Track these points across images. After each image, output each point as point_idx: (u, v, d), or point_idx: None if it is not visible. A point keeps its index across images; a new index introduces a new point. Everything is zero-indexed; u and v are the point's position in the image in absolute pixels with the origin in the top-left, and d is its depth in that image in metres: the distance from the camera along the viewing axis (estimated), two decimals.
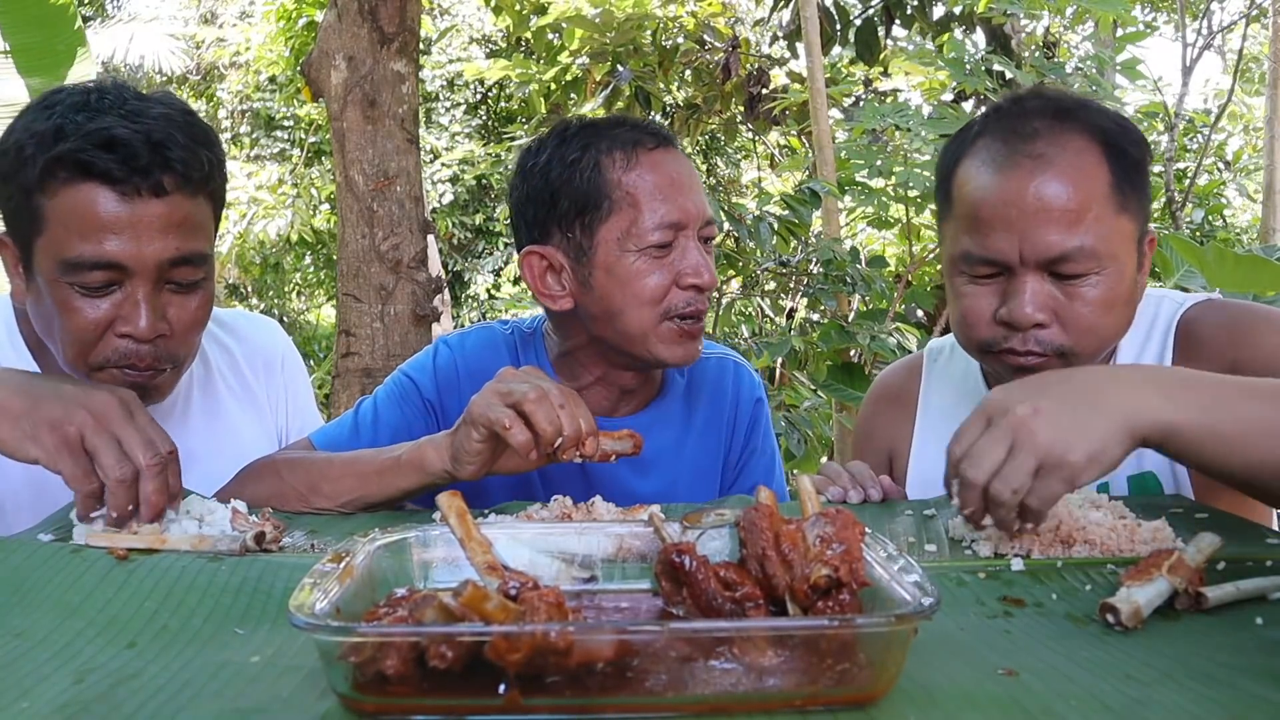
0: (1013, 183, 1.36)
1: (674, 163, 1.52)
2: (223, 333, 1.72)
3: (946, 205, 1.49)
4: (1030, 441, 1.01)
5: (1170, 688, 0.74)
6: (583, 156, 1.50)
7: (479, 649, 0.66)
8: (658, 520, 0.97)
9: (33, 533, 1.19)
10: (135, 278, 1.34)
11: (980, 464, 1.03)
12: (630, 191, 1.48)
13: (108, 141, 1.30)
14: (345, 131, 3.78)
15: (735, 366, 1.74)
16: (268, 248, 12.08)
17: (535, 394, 1.25)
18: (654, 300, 1.49)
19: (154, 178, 1.32)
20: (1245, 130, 10.99)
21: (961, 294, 1.45)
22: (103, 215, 1.31)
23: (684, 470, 1.66)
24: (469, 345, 1.67)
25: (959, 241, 1.43)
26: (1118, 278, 1.37)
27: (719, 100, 7.02)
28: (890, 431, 1.74)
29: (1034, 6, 5.26)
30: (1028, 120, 1.40)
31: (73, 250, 1.31)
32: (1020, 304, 1.36)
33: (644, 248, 1.47)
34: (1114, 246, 1.36)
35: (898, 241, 6.29)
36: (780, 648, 0.69)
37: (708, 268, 1.50)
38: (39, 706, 0.71)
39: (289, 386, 1.78)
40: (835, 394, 4.23)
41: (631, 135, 1.52)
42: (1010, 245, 1.36)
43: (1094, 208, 1.35)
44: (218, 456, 1.58)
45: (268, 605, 0.95)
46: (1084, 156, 1.36)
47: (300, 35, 9.51)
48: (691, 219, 1.49)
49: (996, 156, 1.39)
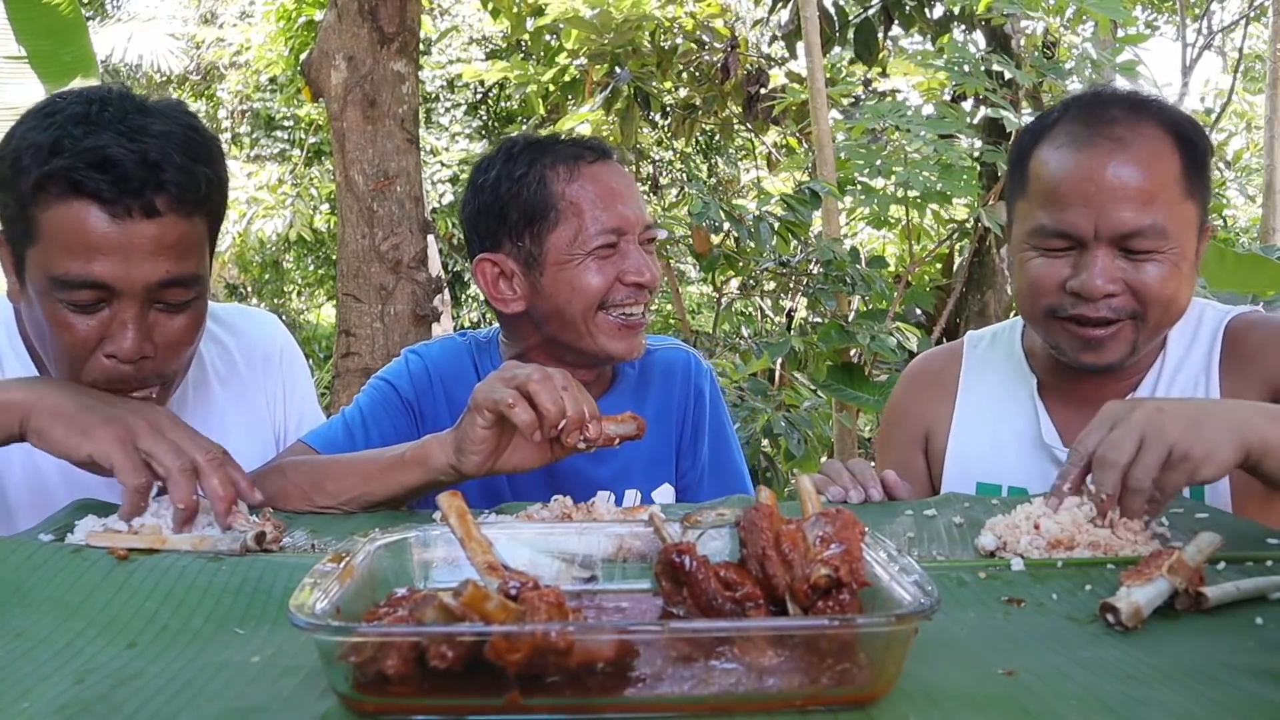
0: (1092, 161, 1.44)
1: (613, 174, 1.65)
2: (219, 329, 1.71)
3: (1021, 184, 1.56)
4: (1159, 436, 1.11)
5: (1170, 688, 0.74)
6: (529, 172, 1.63)
7: (479, 649, 0.66)
8: (658, 520, 0.97)
9: (33, 533, 1.19)
10: (123, 298, 1.32)
11: (1121, 451, 1.12)
12: (574, 201, 1.61)
13: (101, 161, 1.28)
14: (345, 131, 3.78)
15: (685, 356, 1.84)
16: (267, 247, 12.08)
17: (539, 375, 1.29)
18: (598, 296, 1.61)
19: (146, 199, 1.30)
20: (1248, 128, 10.98)
21: (1031, 265, 1.51)
22: (92, 235, 1.29)
23: (638, 457, 1.73)
24: (435, 352, 1.78)
25: (1033, 217, 1.50)
26: (1180, 258, 1.45)
27: (718, 100, 7.02)
28: (928, 411, 1.78)
29: (1033, 7, 5.26)
30: (1107, 108, 1.49)
31: (61, 267, 1.30)
32: (1092, 275, 1.44)
33: (590, 251, 1.60)
34: (1179, 228, 1.45)
35: (898, 241, 6.29)
36: (780, 648, 0.70)
37: (649, 267, 1.62)
38: (39, 706, 0.71)
39: (287, 381, 1.77)
40: (835, 394, 4.23)
41: (572, 150, 1.65)
42: (1086, 220, 1.44)
43: (1165, 190, 1.44)
44: None
45: (268, 605, 0.95)
46: (1158, 143, 1.45)
47: (300, 35, 9.50)
48: (631, 225, 1.62)
49: (1076, 138, 1.47)
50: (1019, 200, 1.56)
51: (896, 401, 1.87)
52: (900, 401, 1.85)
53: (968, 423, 1.73)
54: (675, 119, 7.47)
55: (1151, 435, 1.11)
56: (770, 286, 5.12)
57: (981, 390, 1.74)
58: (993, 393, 1.72)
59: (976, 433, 1.71)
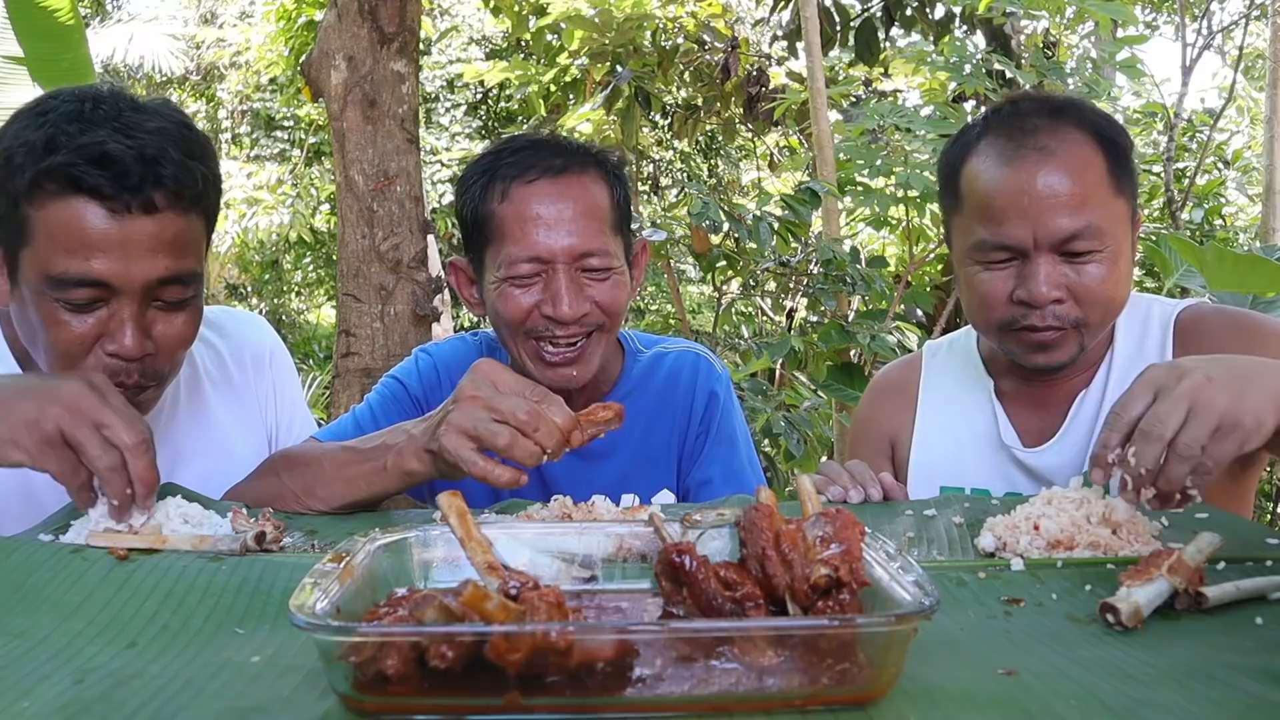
0: (1022, 174, 1.49)
1: (549, 195, 1.54)
2: (209, 331, 1.70)
3: (955, 201, 1.60)
4: (1209, 407, 1.09)
5: (1170, 688, 0.74)
6: (476, 183, 1.60)
7: (479, 649, 0.66)
8: (658, 520, 0.97)
9: (33, 533, 1.19)
10: (122, 296, 1.31)
11: (1166, 423, 1.09)
12: (500, 223, 1.56)
13: (99, 157, 1.26)
14: (345, 131, 3.78)
15: (695, 359, 1.80)
16: (267, 247, 12.08)
17: (505, 438, 1.22)
18: (516, 321, 1.56)
19: (145, 195, 1.28)
20: (1252, 123, 10.95)
21: (977, 281, 1.55)
22: (91, 232, 1.27)
23: (637, 461, 1.72)
24: (446, 351, 1.78)
25: (972, 233, 1.54)
26: (1118, 254, 1.51)
27: (718, 100, 7.02)
28: (892, 421, 1.82)
29: (1033, 7, 5.26)
30: (1027, 118, 1.53)
31: (58, 266, 1.29)
32: (1037, 284, 1.48)
33: (507, 277, 1.55)
34: (1113, 225, 1.50)
35: (898, 242, 6.29)
36: (780, 648, 0.70)
37: (570, 303, 1.52)
38: (39, 706, 0.71)
39: (278, 382, 1.77)
40: (835, 394, 4.23)
41: (520, 165, 1.57)
42: (1024, 231, 1.48)
43: (1095, 191, 1.49)
44: (204, 456, 1.57)
45: (268, 605, 0.95)
46: (1082, 147, 1.50)
47: (300, 35, 9.50)
48: (556, 254, 1.53)
49: (1003, 152, 1.52)
50: (955, 216, 1.60)
51: (861, 415, 1.91)
52: (865, 414, 1.90)
53: (929, 429, 1.77)
54: (676, 119, 7.47)
55: (1201, 406, 1.09)
56: (770, 286, 5.11)
57: (941, 396, 1.78)
58: (952, 398, 1.76)
59: (938, 438, 1.75)
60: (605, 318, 1.58)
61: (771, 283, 5.02)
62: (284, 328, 12.98)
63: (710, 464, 1.75)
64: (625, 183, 1.67)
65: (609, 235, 1.58)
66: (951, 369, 1.80)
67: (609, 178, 1.62)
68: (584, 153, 1.62)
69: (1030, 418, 1.67)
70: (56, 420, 1.17)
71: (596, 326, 1.58)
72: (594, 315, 1.57)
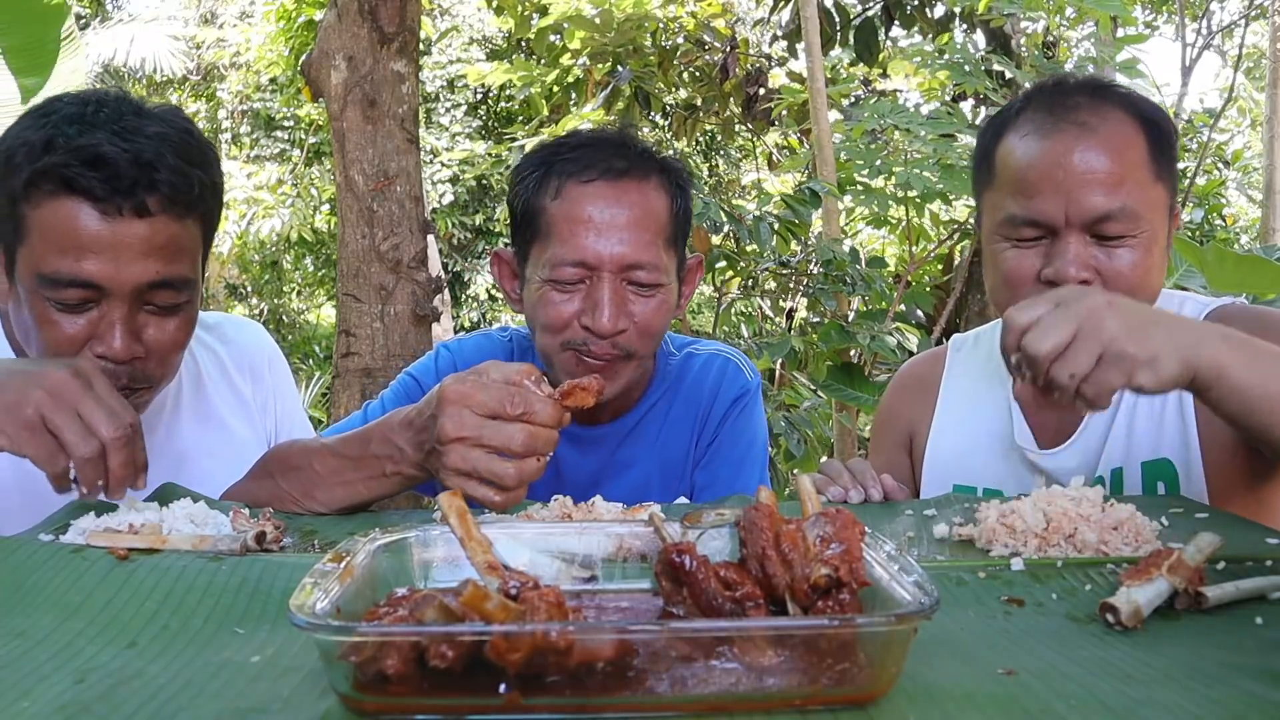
0: (1059, 147, 1.43)
1: (605, 199, 1.47)
2: (209, 336, 1.71)
3: (988, 176, 1.54)
4: (1097, 329, 1.05)
5: (1170, 688, 0.74)
6: (531, 174, 1.53)
7: (479, 649, 0.66)
8: (658, 520, 0.97)
9: (33, 532, 1.19)
10: (112, 298, 1.31)
11: (1045, 339, 1.06)
12: (550, 221, 1.49)
13: (94, 159, 1.27)
14: (345, 131, 3.78)
15: (724, 363, 1.73)
16: (267, 247, 12.08)
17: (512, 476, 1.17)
18: (553, 330, 1.50)
19: (138, 198, 1.29)
20: (1253, 125, 10.93)
21: (1003, 258, 1.49)
22: (82, 233, 1.28)
23: (661, 468, 1.69)
24: (467, 349, 1.73)
25: (1003, 207, 1.48)
26: (1152, 242, 1.44)
27: (718, 100, 7.02)
28: (912, 414, 1.79)
29: (1033, 7, 5.26)
30: (1070, 95, 1.48)
31: (50, 266, 1.29)
32: (1065, 263, 1.41)
33: (550, 279, 1.48)
34: (1150, 211, 1.43)
35: (898, 242, 6.29)
36: (780, 647, 0.69)
37: (610, 316, 1.45)
38: (39, 706, 0.71)
39: (276, 389, 1.77)
40: (835, 394, 4.23)
41: (579, 163, 1.50)
42: (1056, 206, 1.42)
43: (1134, 173, 1.42)
44: (210, 457, 1.57)
45: (268, 605, 0.95)
46: (1124, 126, 1.44)
47: (300, 35, 9.51)
48: (603, 261, 1.46)
49: (1042, 126, 1.46)
50: (987, 191, 1.55)
51: (884, 404, 1.89)
52: (887, 404, 1.87)
53: (946, 425, 1.73)
54: (676, 119, 7.46)
55: (1088, 328, 1.06)
56: (770, 286, 5.12)
57: (960, 393, 1.74)
58: (970, 395, 1.72)
59: (954, 435, 1.71)
60: (639, 343, 1.51)
61: (771, 283, 5.02)
62: (284, 328, 12.99)
63: (718, 466, 1.70)
64: (688, 194, 1.59)
65: (662, 248, 1.51)
66: (974, 365, 1.76)
67: (671, 187, 1.55)
68: (649, 157, 1.54)
69: (1047, 418, 1.62)
70: (38, 405, 1.16)
71: (628, 353, 1.51)
72: (629, 337, 1.49)
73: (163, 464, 1.50)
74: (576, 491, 1.54)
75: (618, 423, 1.69)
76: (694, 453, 1.71)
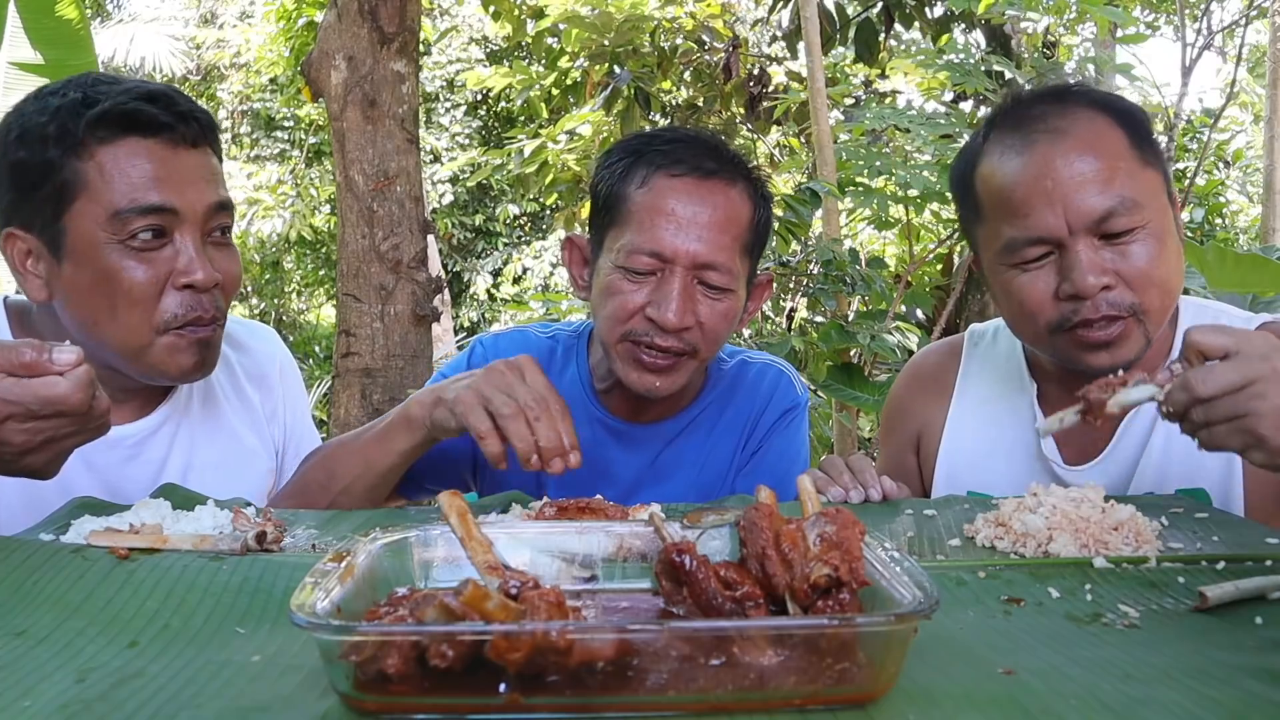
0: (1039, 158, 1.38)
1: (690, 195, 1.47)
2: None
3: (974, 212, 1.49)
4: (1260, 395, 1.00)
5: (1170, 687, 0.74)
6: (619, 161, 1.54)
7: (480, 648, 0.66)
8: (658, 520, 0.97)
9: (33, 532, 1.19)
10: (185, 225, 1.38)
11: (1206, 387, 1.02)
12: (632, 209, 1.49)
13: (148, 94, 1.37)
14: (345, 131, 3.79)
15: (778, 374, 1.73)
16: (267, 247, 12.08)
17: (510, 409, 1.27)
18: (618, 318, 1.49)
19: (191, 127, 1.39)
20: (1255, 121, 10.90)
21: (1015, 286, 1.43)
22: (150, 165, 1.36)
23: (704, 477, 1.67)
24: (504, 344, 1.74)
25: (1000, 236, 1.43)
26: (1163, 232, 1.39)
27: (718, 100, 7.02)
28: (922, 412, 1.71)
29: (1034, 7, 5.26)
30: (1033, 106, 1.44)
31: (124, 200, 1.34)
32: (1081, 273, 1.35)
33: (621, 265, 1.49)
34: (1149, 197, 1.38)
35: (898, 242, 6.29)
36: (780, 647, 0.70)
37: (676, 311, 1.44)
38: (40, 705, 0.71)
39: (287, 398, 1.75)
40: (835, 394, 4.23)
41: (670, 156, 1.50)
42: (1056, 217, 1.36)
43: (1121, 162, 1.38)
44: (219, 467, 1.56)
45: (269, 604, 0.95)
46: (1095, 122, 1.40)
47: (300, 35, 9.51)
48: (679, 256, 1.45)
49: (1014, 144, 1.42)
50: (978, 227, 1.49)
51: (894, 399, 1.81)
52: (897, 399, 1.79)
53: (961, 427, 1.65)
54: (676, 119, 7.46)
55: (1246, 392, 1.01)
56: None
57: (978, 393, 1.66)
58: (989, 396, 1.64)
59: (970, 438, 1.63)
60: (703, 343, 1.50)
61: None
62: (284, 328, 12.99)
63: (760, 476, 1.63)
64: (770, 208, 1.60)
65: (738, 254, 1.51)
66: (992, 363, 1.67)
67: (755, 197, 1.55)
68: (739, 164, 1.55)
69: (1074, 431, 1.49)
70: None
71: (691, 350, 1.50)
72: (694, 334, 1.48)
73: (171, 473, 1.50)
74: (617, 491, 1.55)
75: (666, 423, 1.67)
76: (738, 459, 1.69)
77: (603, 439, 1.64)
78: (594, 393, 1.67)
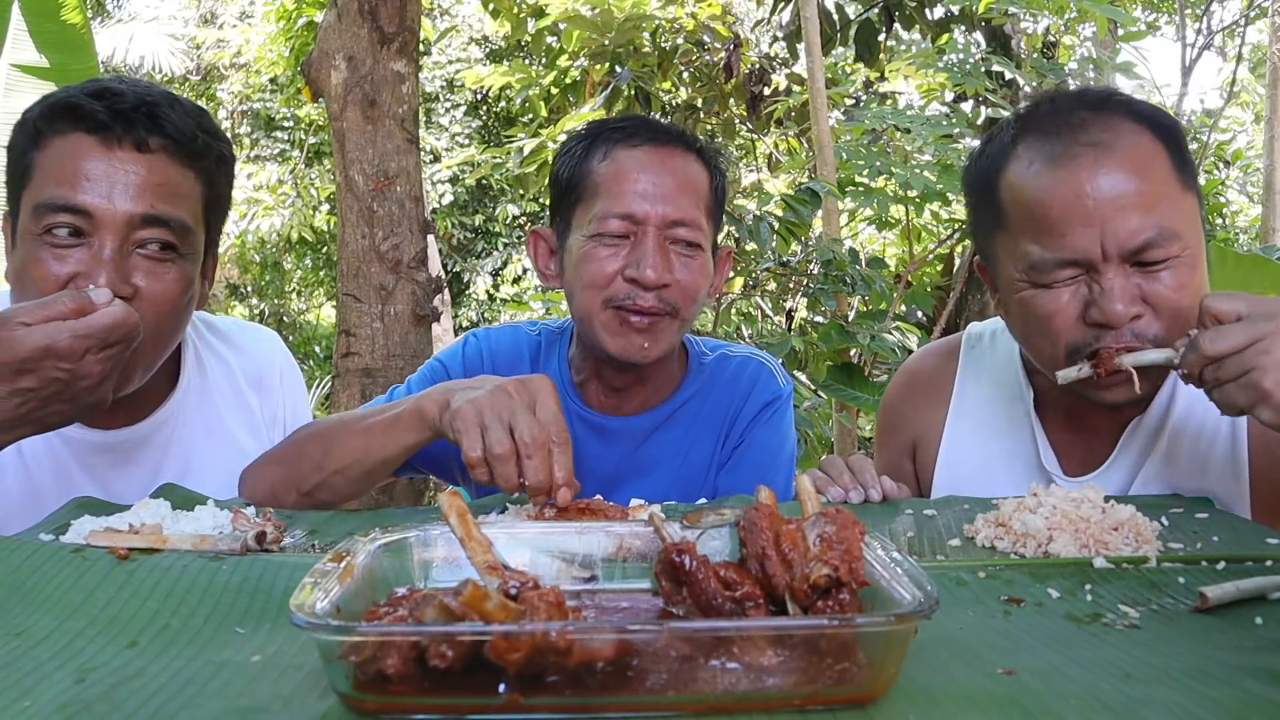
0: (1080, 174, 1.29)
1: (655, 160, 1.55)
2: (219, 343, 1.69)
3: (996, 218, 1.39)
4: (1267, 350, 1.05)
5: (1170, 687, 0.74)
6: (579, 146, 1.60)
7: (479, 648, 0.66)
8: (658, 520, 0.97)
9: (33, 532, 1.19)
10: (102, 231, 1.31)
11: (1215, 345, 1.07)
12: (598, 179, 1.55)
13: (100, 91, 1.34)
14: (345, 131, 3.78)
15: (758, 367, 1.74)
16: (267, 247, 12.07)
17: (502, 449, 1.24)
18: (597, 285, 1.54)
19: (138, 132, 1.33)
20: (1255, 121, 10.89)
21: (1036, 304, 1.34)
22: (81, 162, 1.32)
23: (685, 471, 1.67)
24: (494, 338, 1.78)
25: (1025, 253, 1.34)
26: (1196, 258, 1.32)
27: (719, 101, 7.02)
28: (919, 418, 1.67)
29: (1033, 7, 5.26)
30: (1071, 112, 1.34)
31: (45, 194, 1.32)
32: (1111, 302, 1.28)
33: (597, 233, 1.53)
34: (1187, 227, 1.31)
35: (898, 242, 6.29)
36: (780, 647, 0.70)
37: (654, 266, 1.49)
38: (40, 705, 0.71)
39: (287, 401, 1.74)
40: (835, 394, 4.23)
41: (626, 131, 1.58)
42: (1091, 241, 1.28)
43: (1164, 188, 1.30)
44: (215, 470, 1.55)
45: (268, 605, 0.95)
46: (1141, 138, 1.32)
47: (300, 35, 9.50)
48: (649, 217, 1.51)
49: (1050, 153, 1.32)
50: (999, 235, 1.39)
51: (889, 403, 1.77)
52: (892, 404, 1.76)
53: (960, 435, 1.61)
54: (676, 119, 7.46)
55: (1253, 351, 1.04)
56: (770, 286, 5.12)
57: (976, 399, 1.62)
58: (986, 403, 1.60)
59: (969, 446, 1.60)
60: (682, 301, 1.54)
61: (771, 283, 5.02)
62: (284, 328, 12.99)
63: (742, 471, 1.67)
64: (724, 175, 1.66)
65: (702, 213, 1.57)
66: (991, 368, 1.62)
67: (710, 165, 1.62)
68: (689, 138, 1.63)
69: (1074, 441, 1.50)
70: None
71: (672, 309, 1.53)
72: (672, 292, 1.52)
73: (167, 477, 1.50)
74: (595, 486, 1.55)
75: (645, 416, 1.68)
76: (719, 454, 1.70)
77: (580, 433, 1.64)
78: (573, 386, 1.70)
